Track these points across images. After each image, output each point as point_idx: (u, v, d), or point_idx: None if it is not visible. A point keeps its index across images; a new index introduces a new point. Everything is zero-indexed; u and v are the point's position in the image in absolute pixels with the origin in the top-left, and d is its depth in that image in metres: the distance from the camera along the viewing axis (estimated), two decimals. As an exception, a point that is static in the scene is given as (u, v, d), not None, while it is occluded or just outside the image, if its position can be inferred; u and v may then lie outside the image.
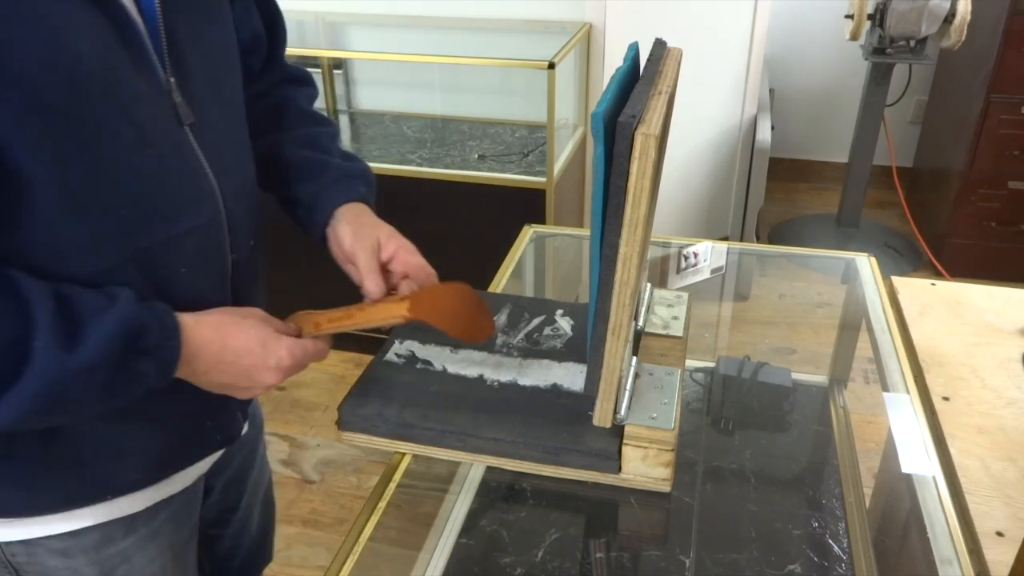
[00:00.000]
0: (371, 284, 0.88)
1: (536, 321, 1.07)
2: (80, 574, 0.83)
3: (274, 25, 1.00)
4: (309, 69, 1.09)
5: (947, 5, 2.56)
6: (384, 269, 0.90)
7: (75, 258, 0.70)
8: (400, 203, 2.33)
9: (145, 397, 0.72)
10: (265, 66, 1.00)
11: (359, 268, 0.89)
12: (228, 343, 0.76)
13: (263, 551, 1.20)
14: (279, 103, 1.00)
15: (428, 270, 0.91)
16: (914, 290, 1.26)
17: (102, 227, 0.70)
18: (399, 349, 1.01)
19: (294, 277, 1.87)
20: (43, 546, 0.80)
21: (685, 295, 1.12)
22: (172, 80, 0.73)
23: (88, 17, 0.65)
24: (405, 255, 0.90)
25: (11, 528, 0.78)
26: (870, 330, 1.19)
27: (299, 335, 0.85)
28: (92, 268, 0.70)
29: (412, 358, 1.00)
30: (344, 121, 2.70)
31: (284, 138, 0.97)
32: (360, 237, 0.90)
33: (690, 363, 1.23)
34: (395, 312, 0.88)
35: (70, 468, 0.77)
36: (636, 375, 0.93)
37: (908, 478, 0.96)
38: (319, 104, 1.16)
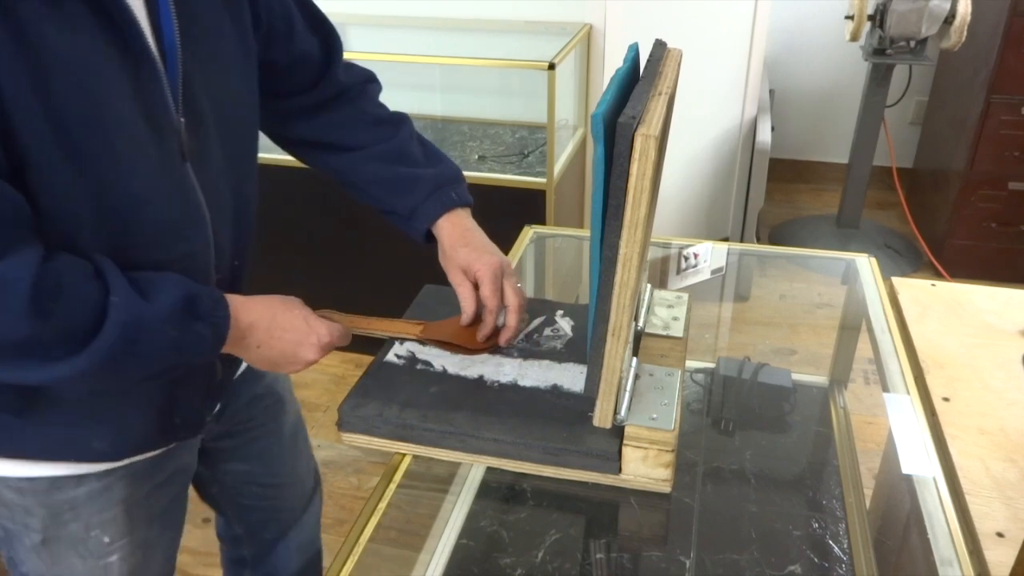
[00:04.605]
0: (466, 308, 1.00)
1: (536, 322, 1.07)
2: (30, 512, 0.92)
3: (327, 41, 1.05)
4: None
5: (947, 6, 2.56)
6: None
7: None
8: (400, 204, 2.33)
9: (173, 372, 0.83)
10: (320, 81, 1.05)
11: (457, 292, 1.00)
12: (277, 319, 0.87)
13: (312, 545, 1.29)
14: (346, 118, 1.06)
15: (514, 299, 1.00)
16: (914, 291, 1.26)
17: (105, 244, 0.78)
18: (399, 350, 1.01)
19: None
20: (3, 483, 0.90)
21: (685, 296, 1.12)
22: (182, 120, 0.82)
23: (114, 64, 0.74)
24: (488, 287, 0.98)
25: None
26: (870, 331, 1.19)
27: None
28: None
29: (412, 359, 1.00)
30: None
31: (366, 155, 1.05)
32: (452, 266, 1.01)
33: (690, 364, 1.23)
34: (409, 331, 1.01)
35: (42, 428, 0.86)
36: (636, 376, 0.93)
37: (908, 479, 0.96)
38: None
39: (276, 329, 0.87)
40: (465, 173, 1.10)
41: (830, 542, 0.95)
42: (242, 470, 1.16)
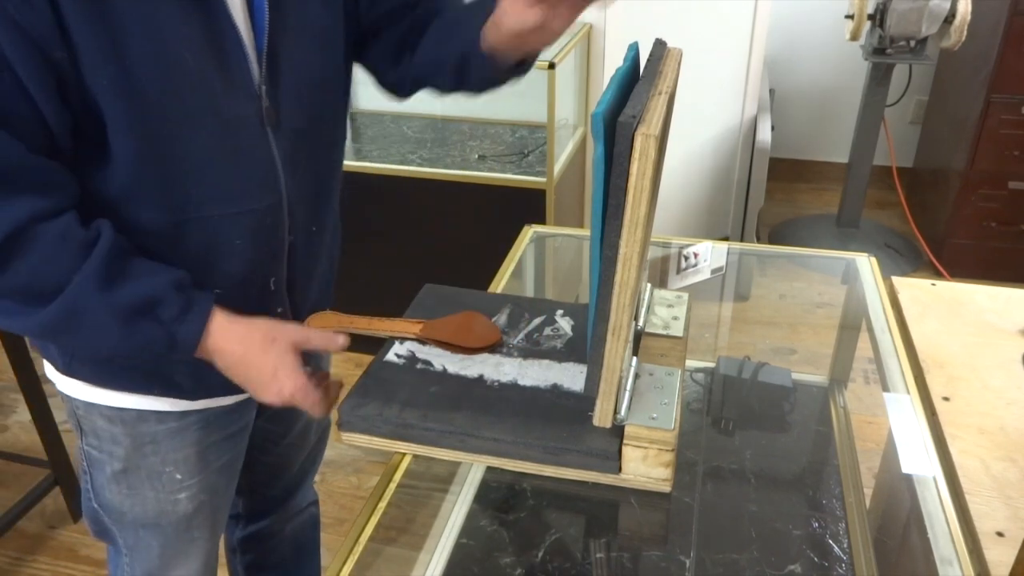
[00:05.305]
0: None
1: (536, 321, 1.07)
2: (116, 439, 1.00)
3: None
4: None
5: (947, 5, 2.56)
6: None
7: (148, 213, 0.84)
8: (400, 203, 2.33)
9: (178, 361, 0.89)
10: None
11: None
12: (247, 358, 0.87)
13: (300, 492, 1.34)
14: (430, 13, 0.98)
15: None
16: (914, 290, 1.26)
17: (174, 194, 0.84)
18: (399, 350, 1.01)
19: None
20: (97, 410, 0.99)
21: (685, 295, 1.12)
22: (263, 88, 0.86)
23: (196, 34, 0.79)
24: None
25: (81, 389, 0.98)
26: (870, 330, 1.19)
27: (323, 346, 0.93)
28: (161, 222, 0.85)
29: (412, 358, 1.00)
30: (344, 121, 2.70)
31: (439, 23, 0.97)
32: None
33: (690, 363, 1.23)
34: (409, 330, 1.00)
35: (135, 359, 0.93)
36: (636, 375, 0.93)
37: (908, 478, 0.96)
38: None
39: (242, 366, 0.88)
40: (465, 173, 1.10)
41: (830, 542, 0.95)
42: (266, 427, 1.20)
